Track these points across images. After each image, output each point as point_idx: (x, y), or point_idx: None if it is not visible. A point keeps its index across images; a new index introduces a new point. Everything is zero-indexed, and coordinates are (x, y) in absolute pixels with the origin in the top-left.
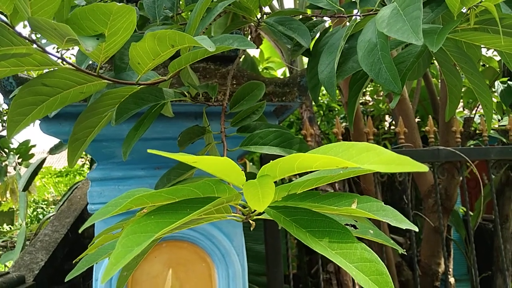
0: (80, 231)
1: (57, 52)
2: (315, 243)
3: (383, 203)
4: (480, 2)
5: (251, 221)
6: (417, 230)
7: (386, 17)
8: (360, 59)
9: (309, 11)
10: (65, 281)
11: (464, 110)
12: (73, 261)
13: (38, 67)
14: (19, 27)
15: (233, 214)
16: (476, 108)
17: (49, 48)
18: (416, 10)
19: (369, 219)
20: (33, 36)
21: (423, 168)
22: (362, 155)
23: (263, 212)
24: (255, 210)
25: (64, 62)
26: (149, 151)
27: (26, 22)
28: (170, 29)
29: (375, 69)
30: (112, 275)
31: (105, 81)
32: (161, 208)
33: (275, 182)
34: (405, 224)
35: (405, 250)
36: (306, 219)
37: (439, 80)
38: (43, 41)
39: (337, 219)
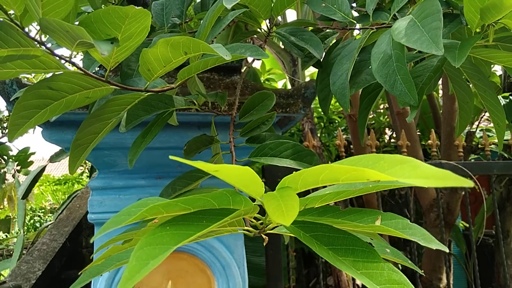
0: (91, 240)
1: (63, 55)
2: (339, 262)
3: (409, 220)
4: (499, 20)
5: (264, 236)
6: (447, 251)
7: (402, 28)
8: (374, 71)
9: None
10: None
11: None
12: (79, 273)
13: (45, 70)
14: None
15: (245, 228)
16: (477, 123)
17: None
18: (435, 21)
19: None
20: (38, 37)
21: (468, 183)
22: (396, 168)
23: (277, 226)
24: (269, 224)
25: (73, 66)
26: (171, 157)
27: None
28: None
29: (390, 80)
30: None
31: (112, 86)
32: (177, 219)
33: None
34: (434, 244)
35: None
36: (328, 235)
37: (439, 95)
38: (48, 44)
39: None
